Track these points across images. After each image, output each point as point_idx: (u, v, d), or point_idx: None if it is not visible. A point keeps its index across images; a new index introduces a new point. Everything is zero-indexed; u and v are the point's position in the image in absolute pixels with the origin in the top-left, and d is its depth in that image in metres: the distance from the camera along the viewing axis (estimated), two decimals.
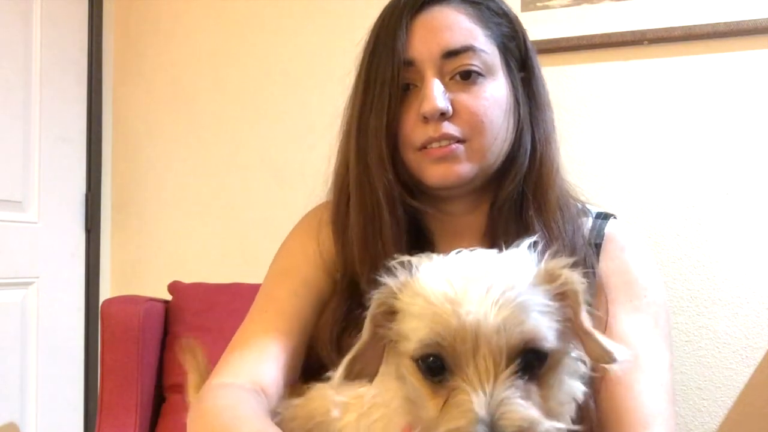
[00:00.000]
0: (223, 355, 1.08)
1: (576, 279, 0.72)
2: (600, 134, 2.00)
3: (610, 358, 0.71)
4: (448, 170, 1.07)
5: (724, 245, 1.87)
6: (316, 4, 2.33)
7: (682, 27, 1.90)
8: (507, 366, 0.64)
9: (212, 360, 1.09)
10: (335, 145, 1.20)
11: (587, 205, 1.19)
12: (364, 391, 0.86)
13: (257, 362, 1.03)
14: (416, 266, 0.75)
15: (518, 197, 1.10)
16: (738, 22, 1.85)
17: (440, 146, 1.07)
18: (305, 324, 1.11)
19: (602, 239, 1.14)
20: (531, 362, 0.66)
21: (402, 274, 0.75)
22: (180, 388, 1.18)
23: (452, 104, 1.06)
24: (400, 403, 0.77)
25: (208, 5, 2.50)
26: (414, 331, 0.70)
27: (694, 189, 1.91)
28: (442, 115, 1.05)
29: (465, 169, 1.08)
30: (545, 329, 0.67)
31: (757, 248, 1.85)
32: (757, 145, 1.87)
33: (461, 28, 1.08)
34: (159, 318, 1.84)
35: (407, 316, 0.72)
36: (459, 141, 1.07)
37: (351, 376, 0.77)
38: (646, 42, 1.94)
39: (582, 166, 1.98)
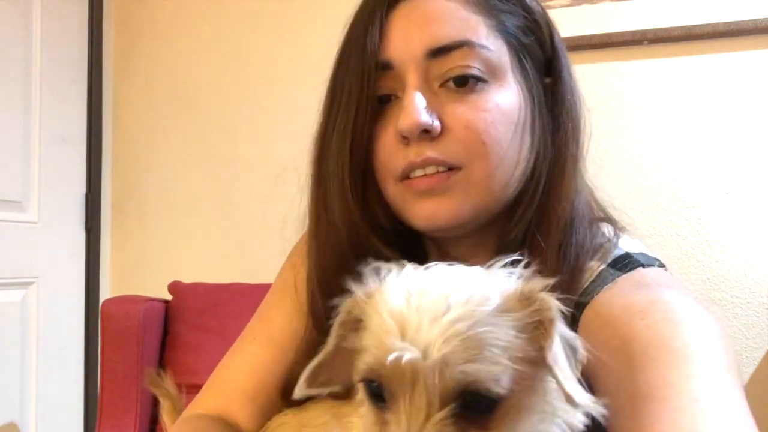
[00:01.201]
0: (206, 383, 1.01)
1: (552, 305, 0.60)
2: (600, 134, 2.00)
3: (571, 402, 0.58)
4: (436, 208, 0.82)
5: (724, 245, 1.87)
6: (315, 1, 2.33)
7: (682, 27, 1.90)
8: (441, 408, 0.56)
9: (212, 364, 1.07)
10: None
11: (614, 241, 0.87)
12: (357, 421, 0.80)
13: (233, 395, 0.96)
14: (385, 275, 0.66)
15: (524, 240, 0.85)
16: (738, 22, 1.85)
17: (425, 174, 0.82)
18: (296, 352, 0.96)
19: (583, 308, 0.80)
20: (476, 405, 0.57)
21: (371, 283, 0.67)
22: (181, 389, 1.17)
23: (443, 119, 0.81)
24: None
25: (207, 5, 2.50)
26: (365, 349, 0.62)
27: (694, 189, 1.91)
28: (426, 133, 0.80)
29: (458, 206, 0.82)
30: (496, 371, 0.57)
31: (757, 248, 1.85)
32: (757, 145, 1.87)
33: (454, 18, 0.82)
34: (159, 318, 1.84)
35: (366, 329, 0.64)
36: (451, 168, 0.81)
37: (315, 384, 0.70)
38: (646, 42, 1.94)
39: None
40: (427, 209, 0.83)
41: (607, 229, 0.88)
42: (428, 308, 0.58)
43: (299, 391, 0.69)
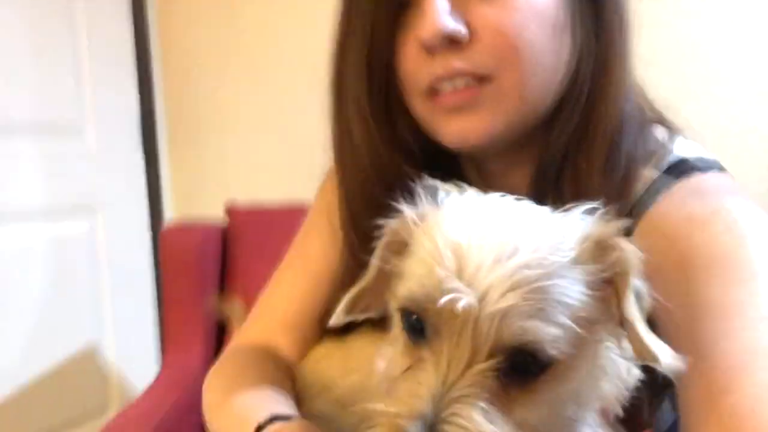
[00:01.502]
0: (249, 314, 1.02)
1: (631, 257, 0.55)
2: (649, 25, 1.81)
3: (652, 359, 0.54)
4: (466, 125, 0.75)
5: None
6: None
7: None
8: (487, 359, 0.52)
9: None
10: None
11: (668, 146, 0.79)
12: None
13: (274, 325, 0.96)
14: (443, 197, 0.62)
15: (567, 153, 0.78)
16: None
17: (454, 89, 0.74)
18: (332, 281, 0.94)
19: (638, 219, 0.74)
20: (524, 364, 0.53)
21: (423, 204, 0.62)
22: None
23: (469, 23, 0.72)
24: None
25: None
26: (409, 277, 0.58)
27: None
28: (453, 43, 0.72)
29: (489, 123, 0.74)
30: (557, 333, 0.52)
31: None
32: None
33: None
34: (217, 244, 1.81)
35: (413, 255, 0.59)
36: (482, 79, 0.73)
37: (354, 311, 0.67)
38: None
39: None
40: (458, 127, 0.76)
41: (660, 133, 0.80)
42: (492, 246, 0.53)
43: (336, 319, 0.67)
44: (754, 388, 0.57)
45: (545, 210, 0.59)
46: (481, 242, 0.54)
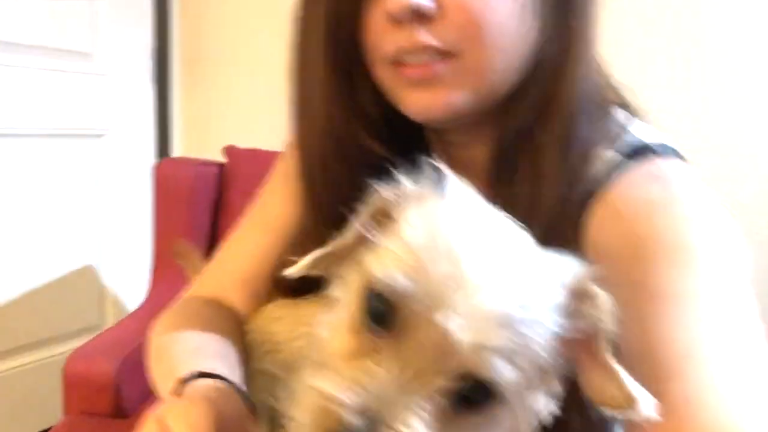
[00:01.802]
0: (205, 267, 1.01)
1: (607, 308, 0.54)
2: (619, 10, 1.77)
3: (630, 406, 0.53)
4: (429, 99, 0.75)
5: None
6: None
7: None
8: (447, 380, 0.50)
9: None
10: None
11: (627, 129, 0.78)
12: None
13: (229, 279, 0.96)
14: (443, 179, 0.59)
15: (525, 128, 0.77)
16: None
17: (418, 63, 0.73)
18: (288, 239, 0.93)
19: (597, 196, 0.74)
20: (473, 394, 0.51)
21: (423, 182, 0.59)
22: None
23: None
24: None
25: None
26: (390, 258, 0.54)
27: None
28: (419, 16, 0.71)
29: (452, 98, 0.74)
30: (518, 379, 0.51)
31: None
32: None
33: None
34: (212, 182, 1.83)
35: (398, 234, 0.56)
36: (446, 55, 0.73)
37: (317, 268, 0.64)
38: None
39: None
40: (420, 101, 0.75)
41: (621, 116, 0.79)
42: (491, 271, 0.51)
43: (297, 271, 0.64)
44: (700, 376, 0.59)
45: (533, 243, 0.57)
46: (481, 262, 0.51)
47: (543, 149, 0.75)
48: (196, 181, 1.77)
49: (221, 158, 1.94)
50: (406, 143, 0.85)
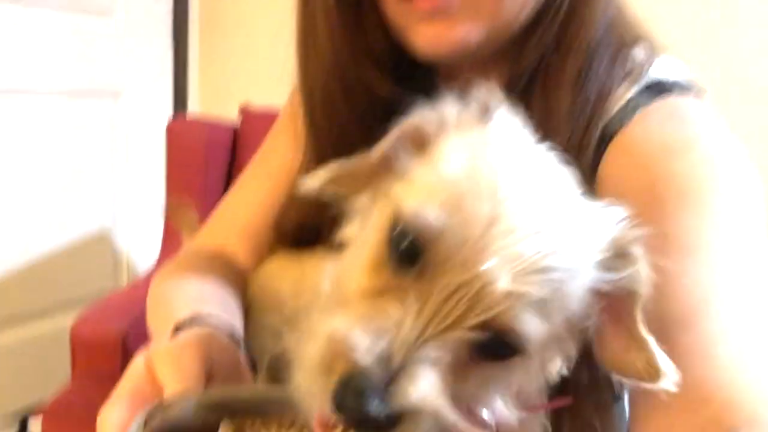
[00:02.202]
0: (208, 220, 0.98)
1: (646, 273, 0.50)
2: None
3: (655, 377, 0.50)
4: (440, 33, 0.71)
5: None
6: None
7: None
8: (472, 329, 0.46)
9: None
10: None
11: (646, 65, 0.75)
12: None
13: (231, 230, 0.93)
14: (488, 109, 0.54)
15: (539, 67, 0.74)
16: None
17: None
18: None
19: (611, 138, 0.71)
20: (496, 347, 0.48)
21: (469, 110, 0.55)
22: None
23: None
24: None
25: None
26: (419, 186, 0.50)
27: None
28: None
29: (464, 31, 0.71)
30: (546, 332, 0.48)
31: None
32: None
33: None
34: (225, 142, 1.78)
35: (430, 164, 0.51)
36: None
37: (332, 187, 0.59)
38: None
39: None
40: (431, 34, 0.71)
41: (640, 52, 0.76)
42: (532, 214, 0.47)
43: (315, 182, 0.58)
44: (711, 328, 0.56)
45: (580, 192, 0.53)
46: (523, 202, 0.47)
47: (557, 87, 0.72)
48: (209, 141, 1.72)
49: (237, 116, 1.89)
50: (415, 86, 0.79)
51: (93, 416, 1.39)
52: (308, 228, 0.85)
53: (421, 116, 0.55)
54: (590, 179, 0.67)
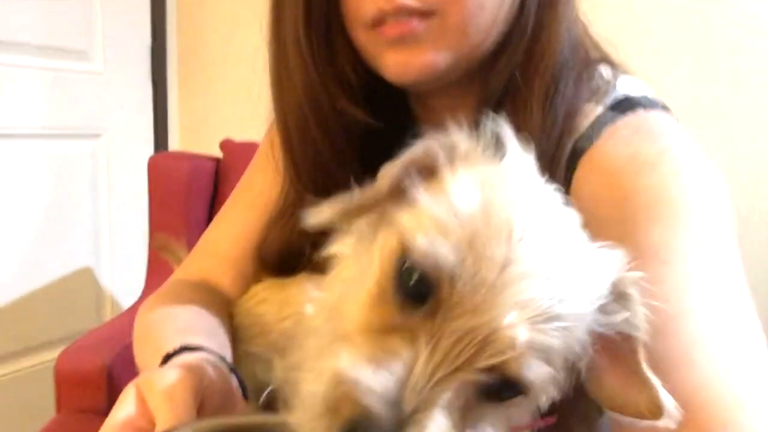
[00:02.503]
0: (192, 249, 1.00)
1: (644, 314, 0.51)
2: None
3: (657, 415, 0.49)
4: (407, 60, 0.72)
5: None
6: None
7: None
8: (477, 376, 0.45)
9: None
10: None
11: (613, 83, 0.77)
12: None
13: (215, 260, 0.94)
14: (500, 141, 0.53)
15: (508, 89, 0.76)
16: None
17: (396, 22, 0.71)
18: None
19: (581, 154, 0.72)
20: (500, 389, 0.48)
21: (480, 142, 0.54)
22: None
23: None
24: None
25: None
26: (429, 219, 0.48)
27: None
28: None
29: (432, 57, 0.72)
30: (551, 378, 0.48)
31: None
32: None
33: None
34: (208, 176, 1.80)
35: (441, 196, 0.49)
36: (426, 14, 0.71)
37: (335, 221, 0.55)
38: None
39: None
40: (399, 60, 0.73)
41: (605, 71, 0.78)
42: (544, 259, 0.46)
43: (319, 218, 0.54)
44: (687, 335, 0.57)
45: (584, 236, 0.53)
46: (536, 245, 0.46)
47: (527, 107, 0.73)
48: (191, 175, 1.74)
49: (219, 153, 1.91)
50: (389, 113, 0.83)
51: None
52: (290, 254, 0.86)
53: (430, 144, 0.53)
54: (563, 197, 0.69)
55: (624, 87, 0.76)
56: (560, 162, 0.72)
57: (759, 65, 1.68)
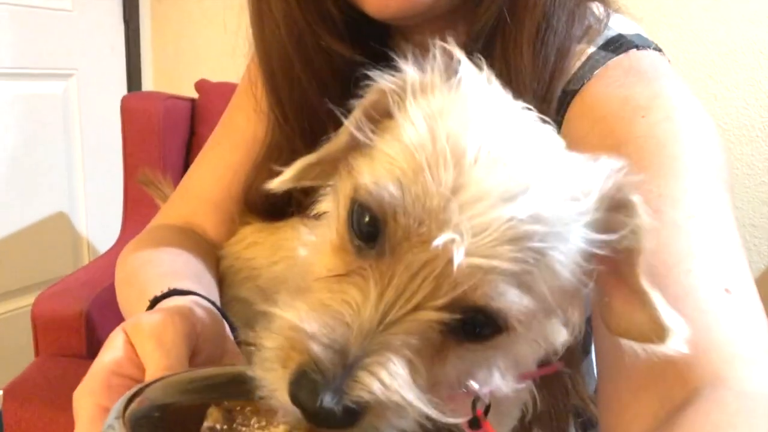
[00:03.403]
0: (173, 192, 0.97)
1: (645, 222, 0.46)
2: None
3: (661, 336, 0.45)
4: None
5: None
6: None
7: None
8: (440, 310, 0.43)
9: None
10: None
11: (605, 21, 0.75)
12: None
13: (198, 203, 0.91)
14: (454, 69, 0.50)
15: (496, 26, 0.72)
16: None
17: None
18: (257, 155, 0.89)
19: (573, 96, 0.70)
20: (473, 325, 0.44)
21: (432, 71, 0.51)
22: None
23: None
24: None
25: None
26: (383, 164, 0.46)
27: None
28: None
29: None
30: (531, 305, 0.44)
31: None
32: None
33: None
34: (183, 117, 1.76)
35: (396, 134, 0.47)
36: None
37: (305, 179, 0.55)
38: None
39: None
40: None
41: (597, 8, 0.76)
42: (501, 176, 0.42)
43: (281, 184, 0.55)
44: (676, 289, 0.54)
45: (563, 146, 0.49)
46: (490, 165, 0.43)
47: (517, 45, 0.70)
48: (166, 115, 1.69)
49: (194, 94, 1.86)
50: (374, 49, 0.78)
51: (57, 394, 1.38)
52: (278, 198, 0.83)
53: (380, 85, 0.51)
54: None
55: (617, 25, 0.74)
56: (551, 103, 0.69)
57: None
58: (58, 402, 1.28)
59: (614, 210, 0.46)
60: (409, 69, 0.51)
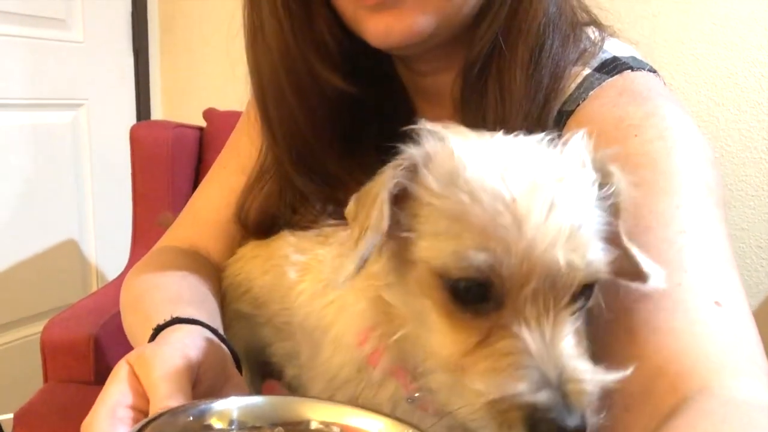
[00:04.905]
0: (180, 214, 0.98)
1: (626, 183, 0.55)
2: None
3: (644, 278, 0.55)
4: (389, 22, 0.71)
5: None
6: None
7: None
8: (567, 306, 0.50)
9: None
10: None
11: (600, 45, 0.77)
12: (324, 254, 0.75)
13: (203, 225, 0.93)
14: (445, 138, 0.54)
15: (492, 51, 0.75)
16: None
17: None
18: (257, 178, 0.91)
19: (568, 116, 0.73)
20: (581, 295, 0.52)
21: (428, 143, 0.54)
22: None
23: None
24: (369, 308, 0.62)
25: None
26: (451, 239, 0.50)
27: None
28: None
29: (415, 21, 0.71)
30: (607, 257, 0.52)
31: None
32: None
33: None
34: (191, 145, 1.78)
35: (434, 212, 0.52)
36: None
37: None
38: None
39: None
40: (381, 24, 0.72)
41: (592, 32, 0.79)
42: (532, 191, 0.50)
43: (349, 274, 0.54)
44: (667, 302, 0.58)
45: (539, 140, 0.56)
46: (521, 187, 0.50)
47: (511, 68, 0.73)
48: (174, 144, 1.72)
49: (202, 123, 1.89)
50: (374, 81, 0.82)
51: (66, 420, 1.38)
52: (268, 217, 0.87)
53: (391, 174, 0.54)
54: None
55: (612, 48, 0.76)
56: (546, 124, 0.71)
57: None
58: (67, 428, 1.28)
59: (604, 177, 0.55)
60: (408, 150, 0.54)
